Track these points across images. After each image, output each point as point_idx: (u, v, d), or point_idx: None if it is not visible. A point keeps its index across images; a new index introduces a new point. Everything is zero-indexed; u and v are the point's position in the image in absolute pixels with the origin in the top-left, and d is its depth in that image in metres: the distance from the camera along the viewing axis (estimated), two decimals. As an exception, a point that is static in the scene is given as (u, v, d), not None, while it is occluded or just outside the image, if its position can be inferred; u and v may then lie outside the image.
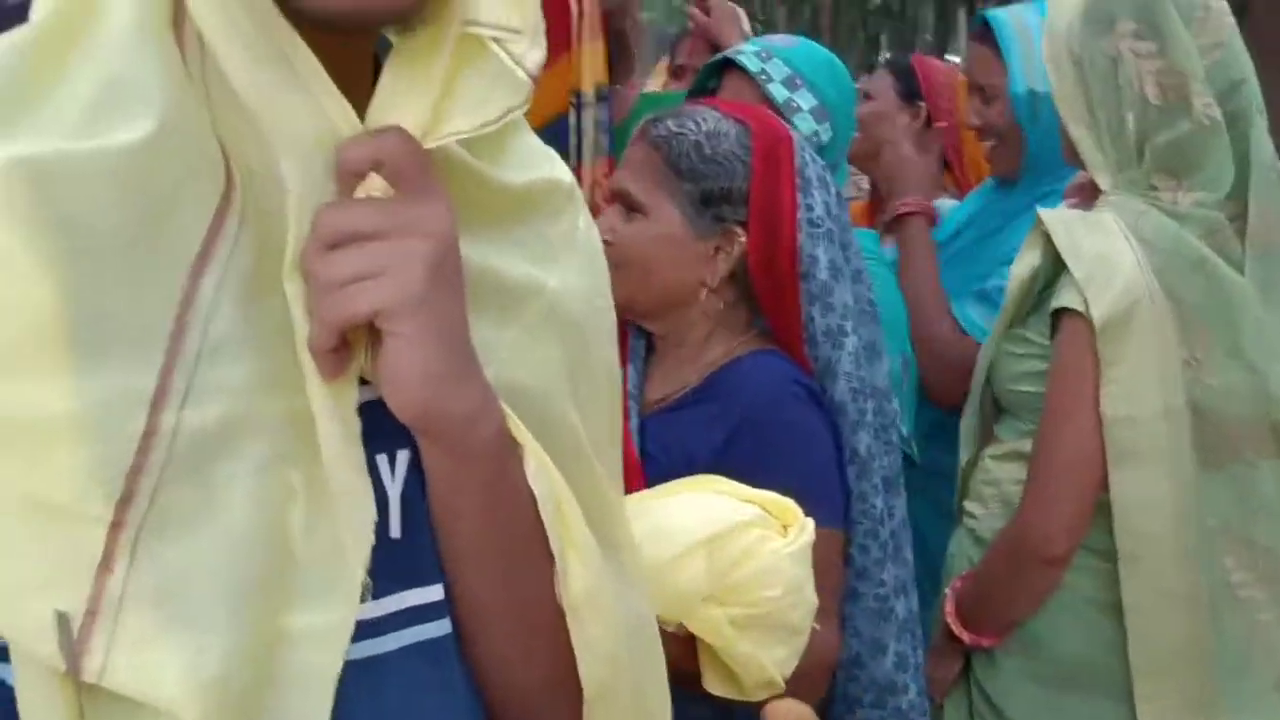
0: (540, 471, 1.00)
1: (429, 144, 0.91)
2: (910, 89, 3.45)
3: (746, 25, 3.64)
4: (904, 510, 2.09)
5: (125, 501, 0.85)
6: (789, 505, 1.70)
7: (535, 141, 1.13)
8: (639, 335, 2.10)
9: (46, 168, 0.86)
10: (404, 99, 0.92)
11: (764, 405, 1.92)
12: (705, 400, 1.97)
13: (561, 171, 1.13)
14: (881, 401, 2.03)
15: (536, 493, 0.99)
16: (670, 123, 2.02)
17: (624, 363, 2.01)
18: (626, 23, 3.36)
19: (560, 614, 1.01)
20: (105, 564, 0.84)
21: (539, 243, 1.08)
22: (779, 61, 2.70)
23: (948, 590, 2.34)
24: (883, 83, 3.50)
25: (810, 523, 1.69)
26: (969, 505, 2.38)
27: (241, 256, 0.91)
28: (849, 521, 1.97)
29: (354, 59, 0.96)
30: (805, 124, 2.61)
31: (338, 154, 0.89)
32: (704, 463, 1.80)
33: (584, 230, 1.14)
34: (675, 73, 3.81)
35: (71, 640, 0.83)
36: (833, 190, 2.04)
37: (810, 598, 1.68)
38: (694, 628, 1.65)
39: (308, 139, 0.89)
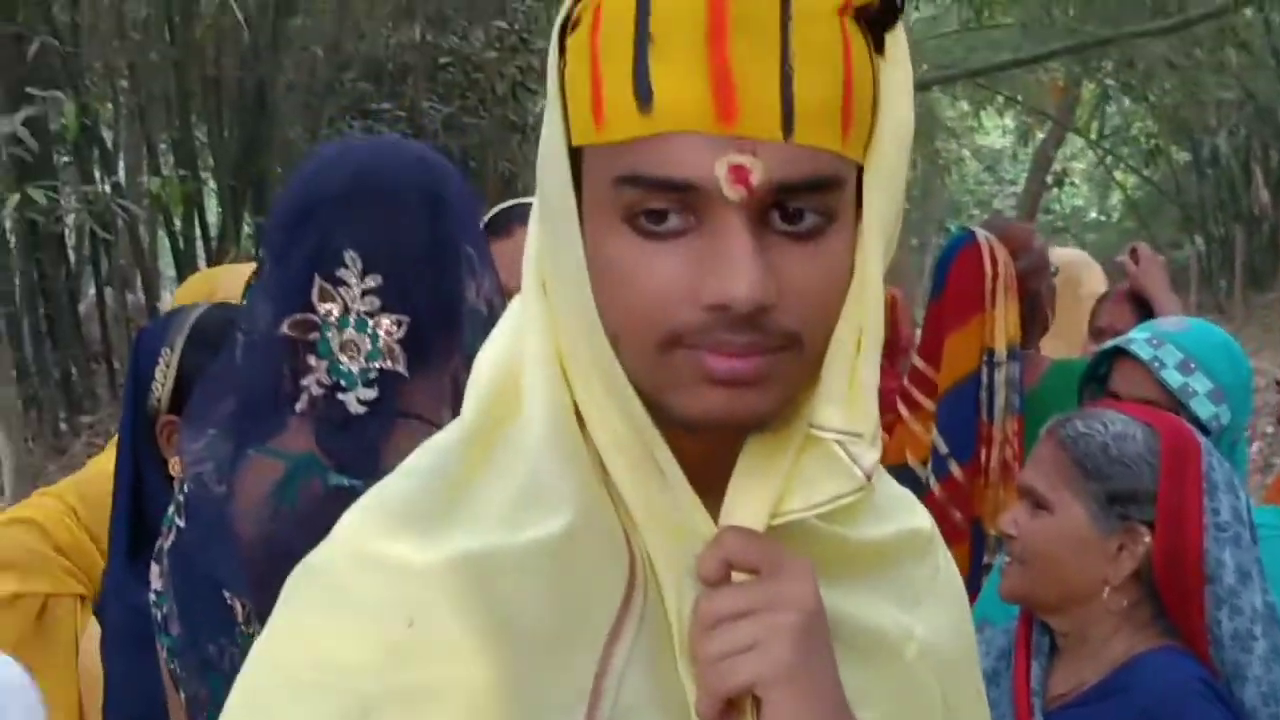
0: None
1: (775, 521, 1.02)
2: None
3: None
4: None
5: None
6: None
7: (895, 489, 1.22)
8: (1043, 631, 2.15)
9: (483, 562, 0.99)
10: (753, 490, 1.03)
11: (1167, 702, 1.96)
12: (1108, 696, 2.02)
13: (921, 519, 1.23)
14: None
15: None
16: (1079, 423, 2.10)
17: (1028, 658, 2.11)
18: (1041, 285, 3.44)
19: None
20: None
21: (905, 589, 1.18)
22: (1171, 347, 2.69)
23: None
24: None
25: None
26: None
27: (646, 633, 1.02)
28: None
29: (716, 456, 1.04)
30: (1203, 408, 2.61)
31: (697, 566, 1.01)
32: None
33: (944, 570, 1.23)
34: (1095, 334, 3.79)
35: None
36: (1242, 495, 2.07)
37: None
38: None
39: (673, 537, 1.02)
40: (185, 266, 12.16)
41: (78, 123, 7.62)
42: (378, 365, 1.62)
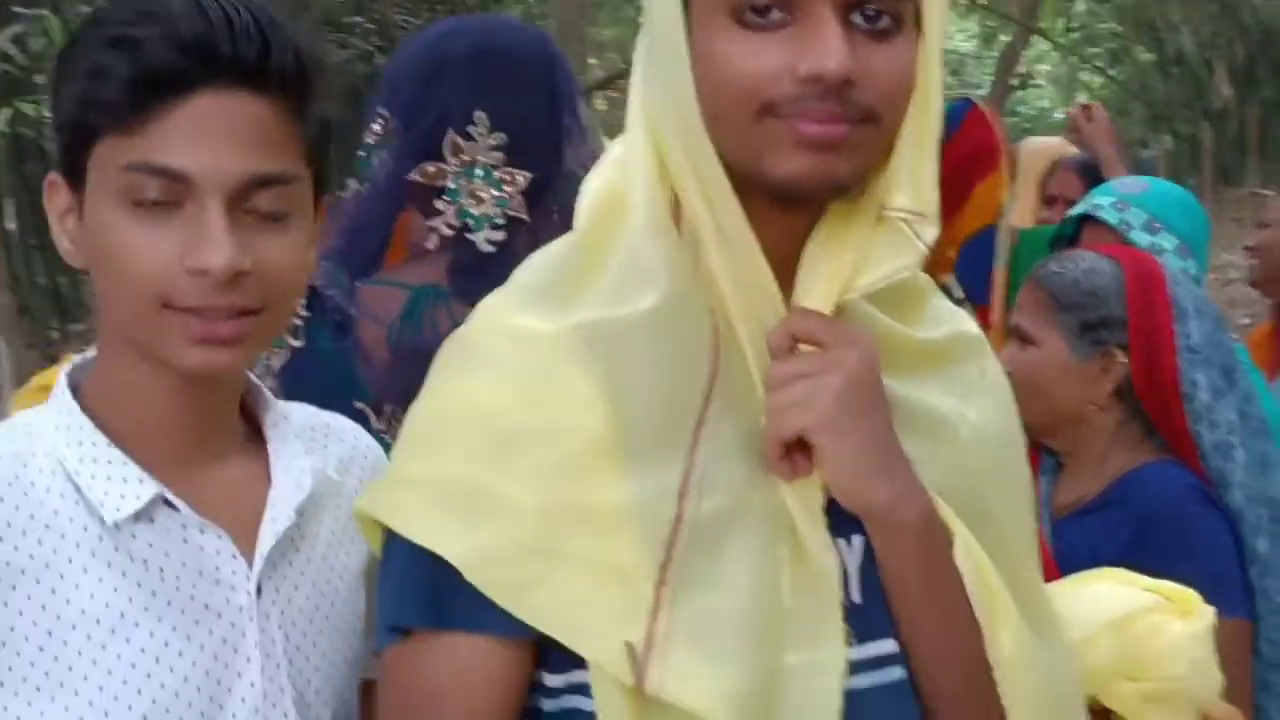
0: (966, 551, 1.31)
1: (845, 297, 1.28)
2: None
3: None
4: None
5: (665, 566, 1.22)
6: (1189, 594, 1.92)
7: (945, 304, 1.48)
8: (1049, 452, 2.42)
9: (595, 330, 1.27)
10: (825, 265, 1.29)
11: (1165, 507, 2.22)
12: (1110, 505, 2.27)
13: (968, 325, 1.48)
14: (1277, 510, 2.28)
15: (961, 569, 1.31)
16: (1053, 264, 2.38)
17: (1036, 475, 2.30)
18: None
19: (991, 670, 1.32)
20: (655, 609, 1.21)
21: (959, 382, 1.42)
22: (1136, 209, 2.94)
23: None
24: (1277, 207, 3.72)
25: (1210, 610, 1.91)
26: None
27: (731, 390, 1.28)
28: (1255, 616, 2.22)
29: (793, 238, 1.30)
30: (1172, 264, 2.81)
31: (767, 340, 1.28)
32: (1110, 559, 2.04)
33: (991, 369, 1.48)
34: (1047, 201, 3.99)
35: (637, 663, 1.20)
36: (1210, 318, 2.31)
37: (1215, 675, 1.90)
38: (1107, 702, 1.88)
39: (750, 310, 1.28)
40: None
41: (64, 39, 7.68)
42: (504, 211, 1.88)
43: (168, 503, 1.34)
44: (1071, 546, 2.26)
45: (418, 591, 1.26)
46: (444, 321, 1.81)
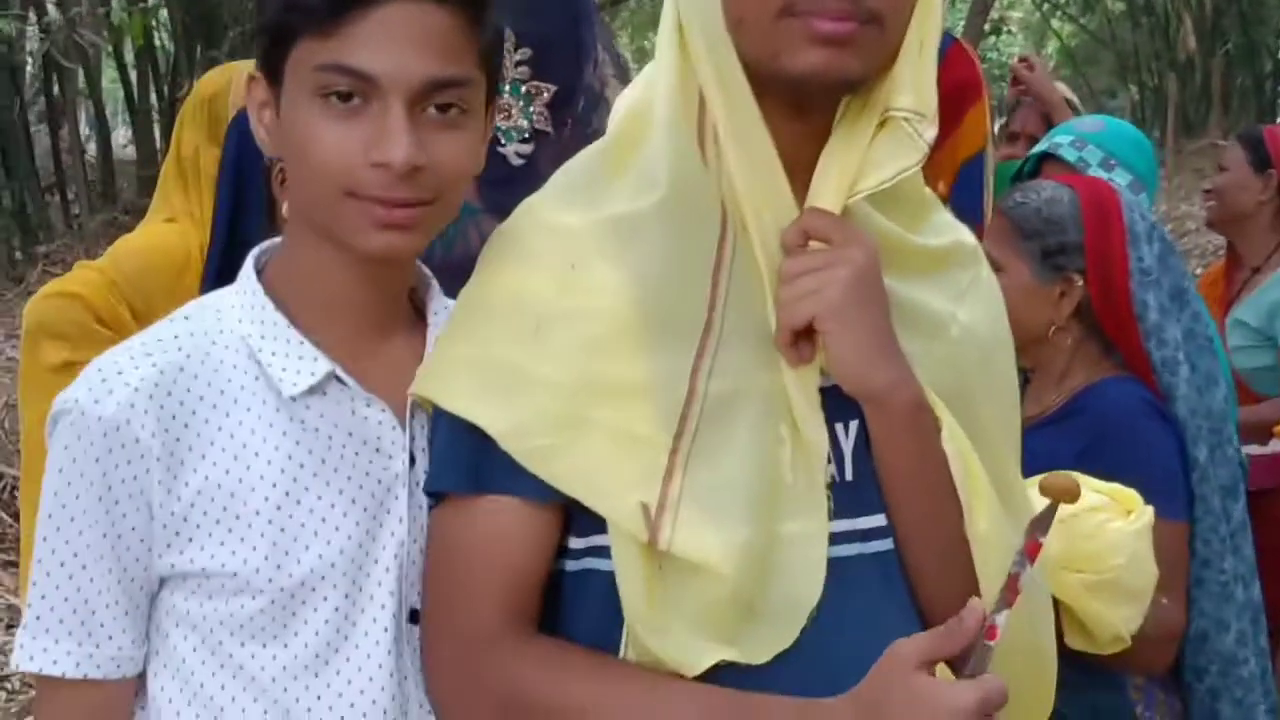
0: (952, 437, 1.46)
1: (851, 199, 1.40)
2: (1261, 158, 3.79)
3: (1064, 88, 4.05)
4: (1242, 513, 2.49)
5: (679, 435, 1.38)
6: (1132, 494, 2.09)
7: (947, 217, 1.61)
8: (1019, 368, 2.45)
9: (618, 223, 1.42)
10: (834, 174, 1.40)
11: (1118, 418, 2.36)
12: (1070, 415, 2.41)
13: (966, 236, 1.61)
14: (1217, 421, 2.44)
15: (947, 451, 1.45)
16: (1017, 194, 2.51)
17: None
18: None
19: (968, 544, 1.46)
20: (668, 475, 1.37)
21: (952, 286, 1.55)
22: (1093, 147, 3.07)
23: None
24: (1235, 154, 3.86)
25: (1150, 509, 2.08)
26: None
27: (739, 277, 1.41)
28: (1192, 519, 2.38)
29: (807, 135, 1.42)
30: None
31: (781, 238, 1.40)
32: (1067, 465, 2.13)
33: (986, 278, 1.61)
34: (1010, 137, 4.08)
35: (650, 521, 1.35)
36: (1158, 243, 2.44)
37: (1150, 568, 2.09)
38: (1055, 591, 2.02)
39: (762, 208, 1.40)
40: (139, 101, 12.16)
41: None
42: (530, 125, 1.97)
43: (338, 378, 1.49)
44: (1033, 454, 2.33)
45: (459, 459, 1.41)
46: (474, 238, 1.90)
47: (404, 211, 1.40)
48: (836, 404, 1.42)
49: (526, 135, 1.99)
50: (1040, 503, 1.99)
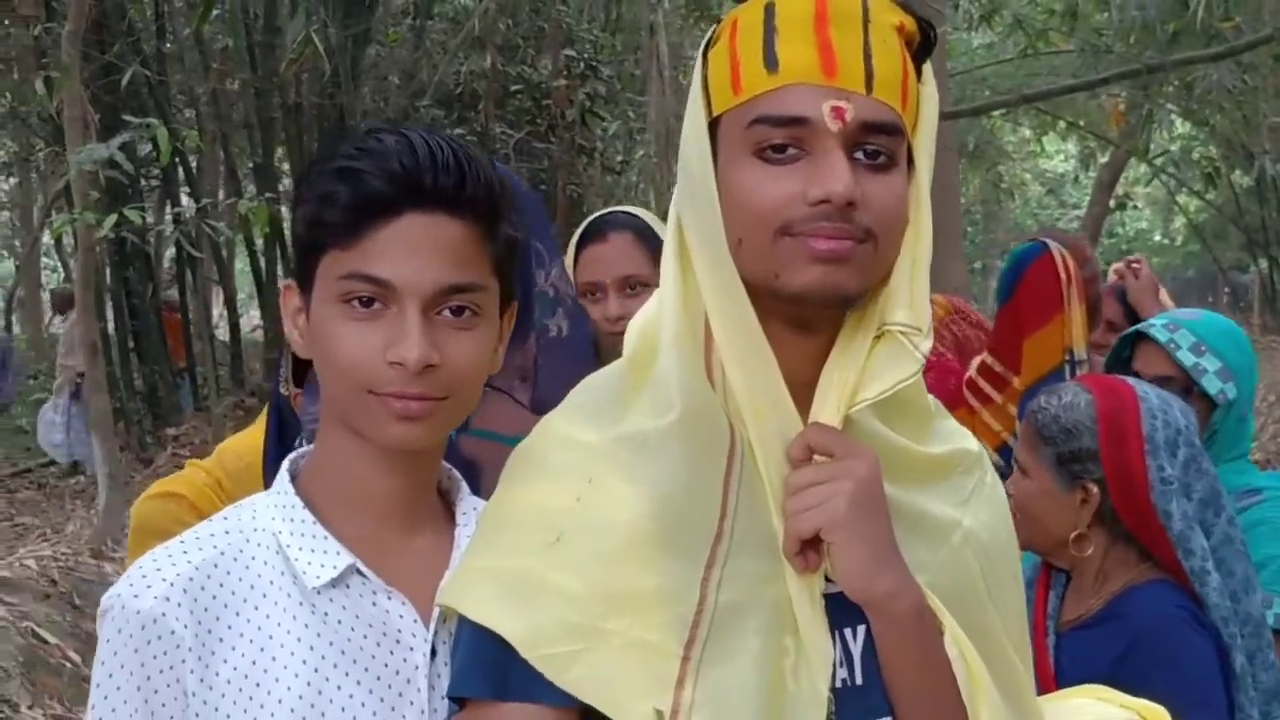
0: (954, 640, 1.48)
1: (852, 410, 1.46)
2: None
3: (1165, 297, 4.06)
4: None
5: (690, 644, 1.41)
6: (1160, 712, 1.98)
7: (951, 424, 1.66)
8: (1059, 569, 2.53)
9: (635, 439, 1.47)
10: (836, 378, 1.46)
11: (1154, 625, 2.30)
12: (1107, 620, 2.37)
13: (970, 442, 1.65)
14: (1256, 626, 2.38)
15: (951, 657, 1.48)
16: (1042, 398, 2.51)
17: (1046, 589, 2.51)
18: (1098, 289, 3.75)
19: None
20: (680, 683, 1.40)
21: (956, 493, 1.59)
22: (1186, 331, 3.04)
23: None
24: None
25: None
26: None
27: (746, 491, 1.46)
28: None
29: (808, 352, 1.49)
30: (1212, 384, 2.95)
31: (787, 451, 1.46)
32: (1103, 673, 2.12)
33: (990, 484, 1.65)
34: (1105, 325, 4.11)
35: None
36: (1184, 449, 2.40)
37: None
38: None
39: (766, 424, 1.46)
40: (267, 285, 12.55)
41: (170, 147, 7.97)
42: None
43: (359, 572, 1.55)
44: (1072, 659, 2.37)
45: (483, 666, 1.44)
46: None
47: (419, 404, 1.49)
48: (843, 610, 1.47)
49: None
50: (1072, 714, 1.99)
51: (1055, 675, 2.33)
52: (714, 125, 1.47)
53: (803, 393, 1.46)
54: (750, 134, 1.42)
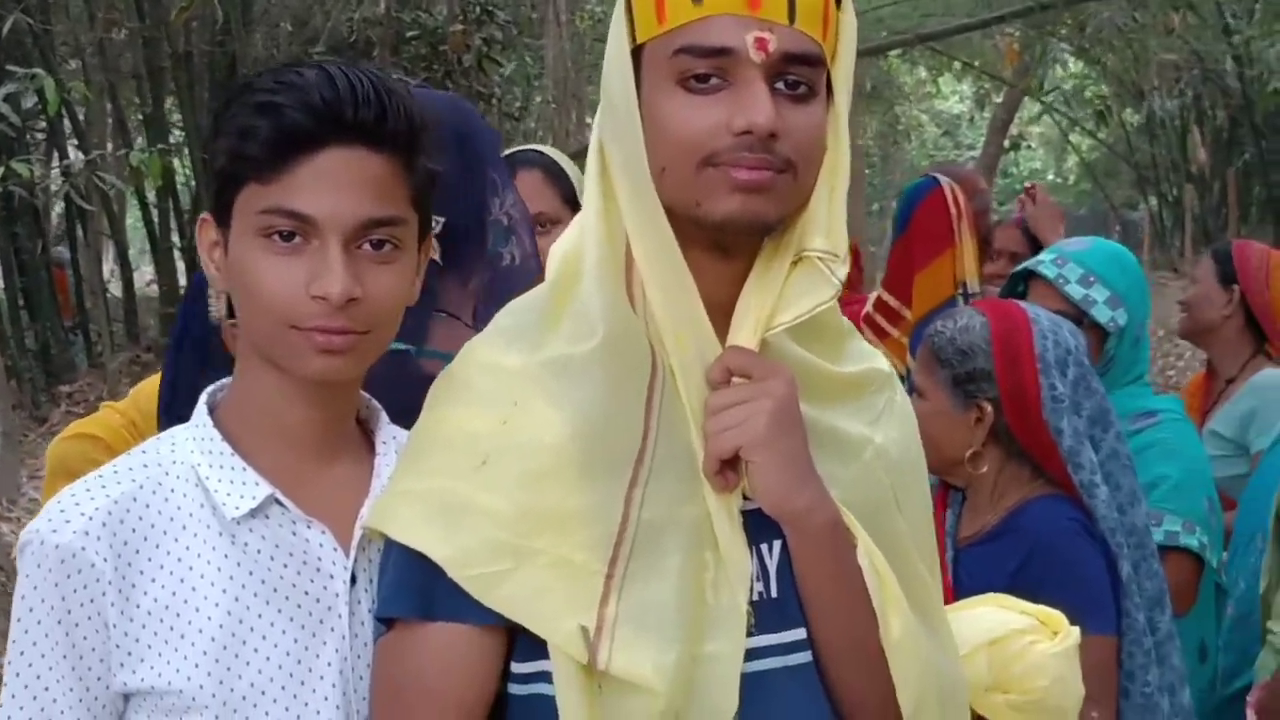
0: (866, 552, 1.54)
1: (769, 333, 1.50)
2: (1227, 273, 3.87)
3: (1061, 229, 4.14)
4: (1169, 624, 2.53)
5: (613, 562, 1.46)
6: (1058, 616, 2.12)
7: (863, 345, 1.70)
8: (956, 488, 2.62)
9: (558, 364, 1.50)
10: (753, 302, 1.51)
11: (1046, 537, 2.41)
12: (1003, 535, 2.47)
13: (881, 363, 1.70)
14: (1141, 537, 2.50)
15: (862, 567, 1.54)
16: (939, 323, 2.60)
17: (944, 509, 2.59)
18: (989, 222, 3.85)
19: (884, 653, 1.54)
20: (604, 600, 1.45)
21: (868, 411, 1.64)
22: (1073, 264, 3.13)
23: (1249, 697, 2.74)
24: (1205, 268, 3.96)
25: (1076, 630, 2.09)
26: (1270, 624, 2.77)
27: (667, 412, 1.51)
28: (1119, 632, 2.41)
29: (727, 277, 1.52)
30: (1102, 314, 3.06)
31: (706, 373, 1.50)
32: (1001, 586, 2.21)
33: (900, 402, 1.70)
34: (993, 255, 4.16)
35: (589, 643, 1.43)
36: (1073, 368, 2.49)
37: (1076, 688, 2.09)
38: (982, 711, 2.06)
39: (686, 347, 1.50)
40: (160, 239, 12.36)
41: (58, 98, 7.78)
42: None
43: (278, 502, 1.57)
44: (970, 574, 2.46)
45: (410, 587, 1.48)
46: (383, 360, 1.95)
47: (342, 338, 1.51)
48: (760, 525, 1.51)
49: None
50: (975, 621, 2.04)
51: (954, 589, 2.40)
52: (636, 53, 1.49)
53: (721, 316, 1.50)
54: (674, 63, 1.44)
